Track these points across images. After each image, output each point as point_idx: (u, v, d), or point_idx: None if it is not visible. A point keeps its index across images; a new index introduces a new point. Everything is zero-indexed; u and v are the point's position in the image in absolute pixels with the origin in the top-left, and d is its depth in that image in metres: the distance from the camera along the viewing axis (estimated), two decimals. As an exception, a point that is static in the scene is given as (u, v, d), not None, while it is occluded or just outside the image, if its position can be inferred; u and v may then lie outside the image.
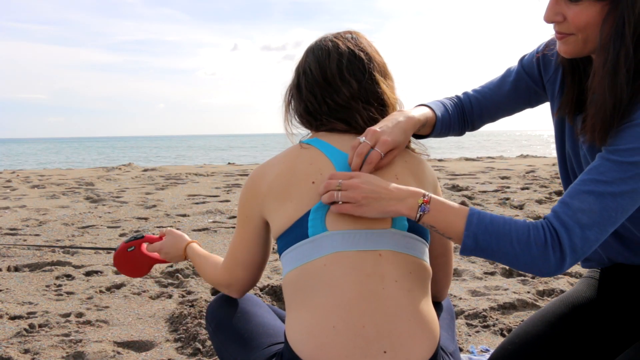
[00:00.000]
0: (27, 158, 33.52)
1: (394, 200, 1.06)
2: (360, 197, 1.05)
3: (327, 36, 1.28)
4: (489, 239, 1.02)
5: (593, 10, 1.02)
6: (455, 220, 1.04)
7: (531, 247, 1.01)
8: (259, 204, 1.19)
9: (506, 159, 12.14)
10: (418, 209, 1.05)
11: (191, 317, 2.29)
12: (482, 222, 1.03)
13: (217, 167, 11.14)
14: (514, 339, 1.34)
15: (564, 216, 1.01)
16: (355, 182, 1.07)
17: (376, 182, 1.07)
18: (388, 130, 1.15)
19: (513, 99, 1.42)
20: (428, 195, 1.06)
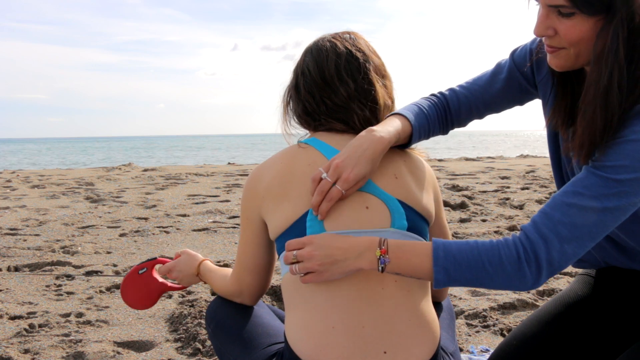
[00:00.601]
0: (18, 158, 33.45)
1: (350, 259, 1.02)
2: (317, 266, 1.02)
3: (325, 36, 1.28)
4: (460, 268, 0.99)
5: (586, 25, 0.99)
6: (421, 261, 1.01)
7: (504, 266, 0.98)
8: (257, 205, 1.19)
9: (506, 159, 12.14)
10: (378, 262, 1.01)
11: (191, 317, 2.29)
12: (450, 254, 1.00)
13: (217, 167, 11.14)
14: (512, 340, 1.34)
15: (544, 228, 0.99)
16: (308, 251, 1.03)
17: (329, 244, 1.03)
18: (352, 163, 1.08)
19: (503, 97, 1.35)
20: (384, 243, 1.02)
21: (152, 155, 34.58)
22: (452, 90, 1.39)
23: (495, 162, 10.62)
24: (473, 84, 1.37)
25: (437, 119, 1.33)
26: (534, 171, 8.24)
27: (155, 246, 3.73)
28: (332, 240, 1.04)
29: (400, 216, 1.12)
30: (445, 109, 1.36)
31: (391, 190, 1.14)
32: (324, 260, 1.02)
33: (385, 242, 1.02)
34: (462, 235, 3.84)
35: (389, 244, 1.02)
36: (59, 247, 3.66)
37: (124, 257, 3.44)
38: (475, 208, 4.89)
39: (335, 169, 1.08)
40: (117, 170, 10.04)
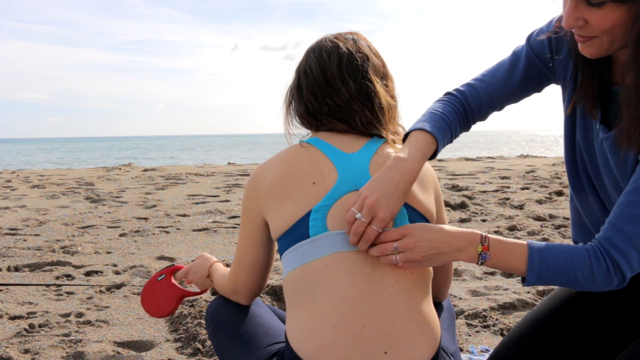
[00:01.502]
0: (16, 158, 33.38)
1: (454, 252, 1.06)
2: (420, 257, 1.05)
3: (327, 37, 1.28)
4: (552, 275, 1.04)
5: (618, 12, 0.97)
6: (517, 263, 1.06)
7: (595, 277, 1.03)
8: (259, 203, 1.19)
9: (506, 159, 12.14)
10: (479, 258, 1.06)
11: (191, 317, 2.29)
12: (544, 261, 1.04)
13: (217, 167, 11.14)
14: (508, 343, 1.34)
15: (619, 242, 1.02)
16: (411, 242, 1.04)
17: (431, 236, 1.05)
18: (386, 201, 1.06)
19: (523, 87, 1.32)
20: (486, 239, 1.06)
21: (152, 156, 34.58)
22: (470, 86, 1.34)
23: (495, 162, 10.62)
24: (492, 77, 1.33)
25: (458, 123, 1.30)
26: (534, 171, 8.24)
27: (155, 246, 3.73)
28: (434, 232, 1.06)
29: (402, 216, 1.12)
30: (465, 108, 1.32)
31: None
32: (427, 252, 1.05)
33: (487, 239, 1.06)
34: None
35: (490, 241, 1.06)
36: (59, 247, 3.66)
37: (124, 257, 3.44)
38: (475, 208, 4.89)
39: (369, 209, 1.05)
40: (117, 170, 10.04)
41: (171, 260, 3.34)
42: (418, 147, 1.15)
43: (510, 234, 3.86)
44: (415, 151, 1.14)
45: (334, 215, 1.10)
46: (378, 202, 1.05)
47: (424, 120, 1.22)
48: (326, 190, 1.11)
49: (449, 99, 1.32)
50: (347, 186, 1.12)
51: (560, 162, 9.98)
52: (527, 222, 4.25)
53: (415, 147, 1.15)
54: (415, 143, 1.16)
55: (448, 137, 1.25)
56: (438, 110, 1.27)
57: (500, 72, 1.32)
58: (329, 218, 1.10)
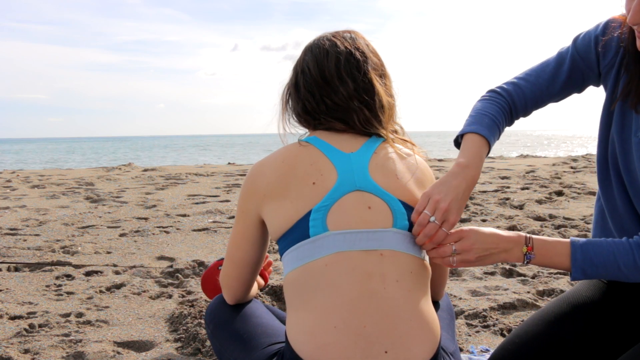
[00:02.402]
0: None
1: (502, 253, 1.13)
2: (474, 258, 1.12)
3: (325, 35, 1.28)
4: (597, 270, 1.10)
5: None
6: (560, 261, 1.12)
7: (639, 268, 1.08)
8: (257, 201, 1.19)
9: (506, 159, 12.14)
10: (524, 258, 1.12)
11: (191, 317, 2.29)
12: (587, 256, 1.09)
13: (217, 167, 11.14)
14: (514, 339, 1.34)
15: None
16: (468, 244, 1.12)
17: (485, 239, 1.12)
18: (457, 206, 1.14)
19: (567, 88, 1.35)
20: (530, 240, 1.12)
21: (154, 156, 34.58)
22: (516, 85, 1.37)
23: (495, 162, 10.62)
24: (537, 77, 1.36)
25: (504, 123, 1.35)
26: (534, 171, 8.24)
27: (155, 246, 3.73)
28: (486, 235, 1.13)
29: (402, 216, 1.12)
30: (511, 107, 1.36)
31: (393, 191, 1.14)
32: (481, 254, 1.12)
33: (531, 240, 1.13)
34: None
35: (534, 242, 1.13)
36: (59, 247, 3.66)
37: (124, 257, 3.44)
38: (475, 208, 4.89)
39: (443, 213, 1.11)
40: (117, 170, 10.03)
41: (171, 260, 3.34)
42: (477, 152, 1.22)
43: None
44: (475, 157, 1.21)
45: (334, 215, 1.10)
46: (450, 207, 1.12)
47: (476, 123, 1.28)
48: (326, 190, 1.11)
49: (496, 99, 1.36)
50: (346, 186, 1.12)
51: (560, 162, 9.98)
52: (527, 222, 4.25)
53: (474, 152, 1.22)
54: (474, 149, 1.22)
55: (497, 137, 1.32)
56: (487, 111, 1.32)
57: (546, 72, 1.35)
58: (329, 218, 1.10)
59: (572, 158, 10.78)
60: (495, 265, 3.03)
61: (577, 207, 4.92)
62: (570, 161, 10.00)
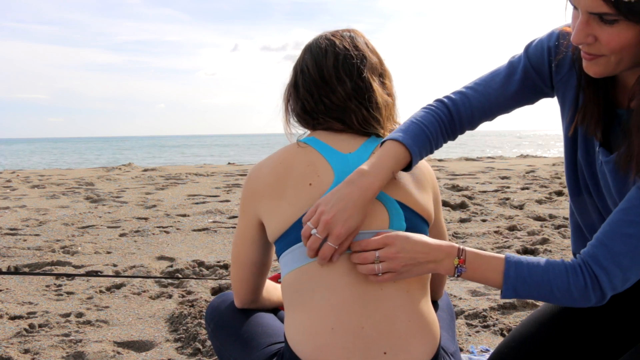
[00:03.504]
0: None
1: (431, 263, 1.05)
2: (400, 267, 1.04)
3: (324, 34, 1.27)
4: (529, 289, 1.04)
5: (630, 32, 0.93)
6: (493, 277, 1.05)
7: (572, 293, 1.02)
8: (256, 203, 1.19)
9: (506, 159, 12.14)
10: (455, 270, 1.05)
11: (191, 317, 2.29)
12: (520, 275, 1.03)
13: (217, 167, 11.14)
14: (510, 342, 1.34)
15: (604, 260, 1.00)
16: (392, 252, 1.04)
17: (412, 247, 1.05)
18: (342, 217, 1.04)
19: (517, 99, 1.27)
20: (463, 252, 1.06)
21: (153, 156, 34.60)
22: (462, 94, 1.28)
23: (495, 162, 10.62)
24: (486, 87, 1.27)
25: (440, 134, 1.24)
26: (534, 171, 8.24)
27: (155, 246, 3.73)
28: (414, 243, 1.05)
29: (399, 217, 1.12)
30: (454, 117, 1.26)
31: (390, 191, 1.13)
32: (407, 262, 1.04)
33: (463, 252, 1.05)
34: (462, 235, 3.84)
35: (467, 255, 1.05)
36: (59, 247, 3.66)
37: (124, 257, 3.44)
38: (475, 208, 4.89)
39: (325, 225, 1.04)
40: (117, 170, 10.03)
41: (171, 260, 3.34)
42: (385, 160, 1.11)
43: (510, 234, 3.86)
44: (380, 164, 1.10)
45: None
46: (334, 219, 1.04)
47: (402, 130, 1.18)
48: (322, 191, 1.11)
49: (435, 108, 1.26)
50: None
51: (560, 162, 9.98)
52: (527, 222, 4.25)
53: (381, 159, 1.11)
54: (384, 155, 1.12)
55: (426, 149, 1.20)
56: (420, 120, 1.22)
57: (495, 82, 1.26)
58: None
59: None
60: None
61: (577, 207, 4.92)
62: (570, 161, 9.98)
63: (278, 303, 1.40)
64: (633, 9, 0.90)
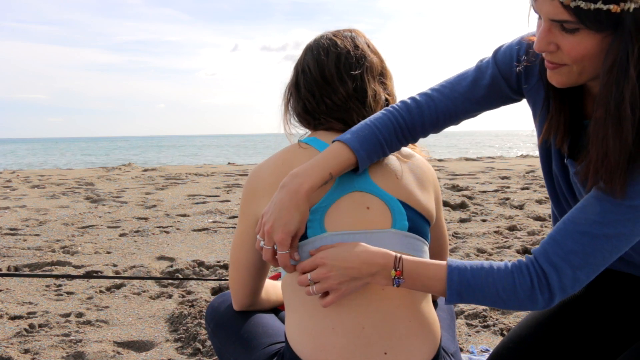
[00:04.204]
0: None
1: (366, 276, 1.02)
2: (336, 285, 1.02)
3: (326, 34, 1.27)
4: (473, 293, 1.00)
5: (591, 41, 0.92)
6: (434, 284, 1.02)
7: (518, 293, 0.99)
8: (256, 203, 1.18)
9: (506, 159, 12.14)
10: (393, 282, 1.02)
11: (191, 317, 2.29)
12: (464, 278, 1.00)
13: (217, 167, 11.14)
14: (508, 343, 1.34)
15: (555, 257, 0.98)
16: (323, 272, 1.02)
17: (342, 264, 1.02)
18: (280, 223, 1.04)
19: (484, 104, 1.23)
20: (400, 264, 1.01)
21: (154, 156, 34.62)
22: (428, 97, 1.23)
23: (495, 162, 10.62)
24: (452, 91, 1.22)
25: (395, 137, 1.19)
26: (534, 171, 8.24)
27: (155, 246, 3.73)
28: (345, 259, 1.02)
29: (402, 217, 1.12)
30: (415, 120, 1.21)
31: (392, 191, 1.14)
32: (341, 279, 1.02)
33: (400, 263, 1.01)
34: (462, 235, 3.84)
35: (404, 265, 1.01)
36: (59, 247, 3.66)
37: (124, 257, 3.44)
38: (475, 208, 4.89)
39: (267, 235, 1.05)
40: (117, 170, 10.04)
41: (171, 260, 3.34)
42: (323, 161, 1.09)
43: (510, 234, 3.86)
44: (316, 165, 1.09)
45: (331, 216, 1.10)
46: (273, 227, 1.04)
47: (353, 132, 1.15)
48: (324, 191, 1.11)
49: (395, 111, 1.21)
50: (345, 187, 1.12)
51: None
52: (527, 222, 4.25)
53: (320, 160, 1.09)
54: (324, 156, 1.10)
55: (377, 152, 1.15)
56: (375, 122, 1.18)
57: (462, 85, 1.22)
58: (326, 219, 1.09)
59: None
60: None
61: (577, 207, 4.92)
62: (570, 161, 9.99)
63: (277, 303, 1.40)
64: (593, 17, 0.89)
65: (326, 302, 1.03)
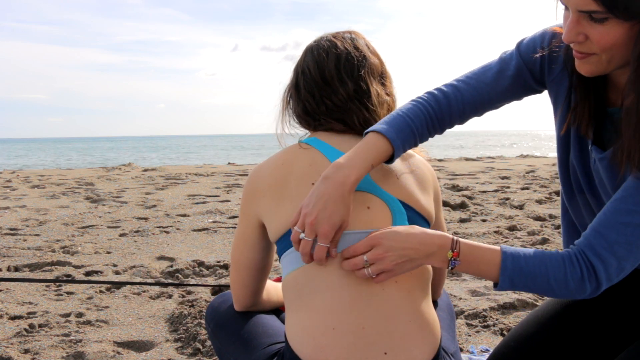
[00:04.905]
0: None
1: (423, 257, 1.03)
2: (391, 266, 1.02)
3: (325, 36, 1.28)
4: (525, 280, 1.02)
5: (620, 30, 0.94)
6: (488, 269, 1.04)
7: (568, 283, 1.01)
8: (257, 203, 1.18)
9: (506, 159, 12.14)
10: (449, 263, 1.03)
11: (191, 317, 2.29)
12: (517, 265, 1.02)
13: (217, 167, 11.14)
14: (509, 342, 1.34)
15: (600, 249, 1.00)
16: (380, 252, 1.02)
17: (399, 245, 1.02)
18: (325, 215, 1.03)
19: (508, 95, 1.25)
20: (457, 244, 1.03)
21: (154, 156, 34.60)
22: (454, 87, 1.25)
23: (495, 162, 10.62)
24: (478, 82, 1.24)
25: (426, 127, 1.21)
26: (534, 171, 8.24)
27: (155, 246, 3.73)
28: (402, 239, 1.03)
29: (402, 216, 1.12)
30: (443, 111, 1.24)
31: (392, 191, 1.14)
32: (397, 260, 1.02)
33: (457, 245, 1.03)
34: (462, 235, 3.84)
35: (461, 247, 1.03)
36: (59, 247, 3.66)
37: (124, 257, 3.44)
38: (475, 208, 4.89)
39: (310, 228, 1.03)
40: (117, 170, 10.04)
41: (171, 260, 3.34)
42: (363, 152, 1.09)
43: (510, 234, 3.86)
44: (358, 156, 1.09)
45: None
46: (317, 219, 1.03)
47: (386, 122, 1.16)
48: None
49: (424, 101, 1.23)
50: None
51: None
52: (527, 222, 4.25)
53: (360, 151, 1.09)
54: (363, 147, 1.10)
55: (410, 143, 1.17)
56: (406, 113, 1.19)
57: (487, 76, 1.24)
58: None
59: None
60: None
61: (577, 207, 4.92)
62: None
63: (278, 304, 1.40)
64: (622, 6, 0.91)
65: (379, 279, 1.03)
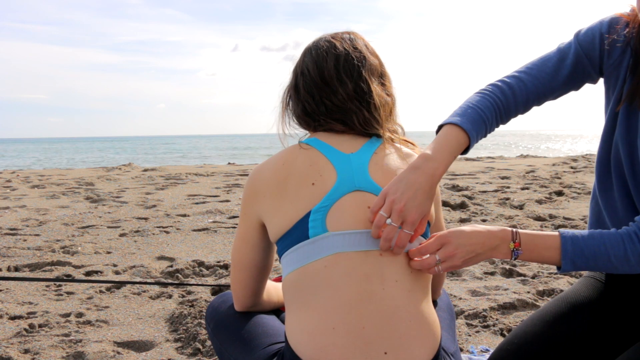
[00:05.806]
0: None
1: (487, 252, 1.09)
2: (460, 262, 1.08)
3: (324, 36, 1.28)
4: (587, 261, 1.07)
5: None
6: (550, 254, 1.09)
7: (629, 259, 1.06)
8: (257, 204, 1.19)
9: (506, 159, 12.14)
10: (512, 254, 1.09)
11: (191, 317, 2.29)
12: (578, 247, 1.07)
13: (217, 167, 11.14)
14: (513, 339, 1.34)
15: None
16: (451, 251, 1.07)
17: (468, 241, 1.08)
18: (414, 204, 1.06)
19: (567, 84, 1.29)
20: (517, 235, 1.09)
21: (154, 156, 34.61)
22: (517, 78, 1.29)
23: (495, 162, 10.62)
24: (540, 71, 1.29)
25: (494, 118, 1.26)
26: (534, 171, 8.24)
27: (155, 246, 3.73)
28: (469, 236, 1.09)
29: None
30: (509, 101, 1.28)
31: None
32: (466, 257, 1.08)
33: (517, 236, 1.09)
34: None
35: (522, 237, 1.09)
36: (59, 247, 3.66)
37: (124, 257, 3.44)
38: (475, 208, 4.89)
39: (399, 214, 1.06)
40: (117, 170, 10.03)
41: (171, 260, 3.34)
42: (447, 144, 1.14)
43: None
44: (443, 149, 1.13)
45: (333, 216, 1.10)
46: (407, 206, 1.06)
47: (459, 114, 1.20)
48: (325, 191, 1.11)
49: (491, 92, 1.28)
50: (346, 187, 1.12)
51: (559, 162, 9.98)
52: (527, 222, 4.25)
53: (443, 144, 1.14)
54: (445, 140, 1.15)
55: (482, 133, 1.23)
56: (477, 104, 1.24)
57: (548, 66, 1.29)
58: (328, 219, 1.09)
59: (572, 158, 10.79)
60: (495, 265, 3.03)
61: (577, 207, 4.92)
62: (570, 161, 10.00)
63: (278, 304, 1.40)
64: None
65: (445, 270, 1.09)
